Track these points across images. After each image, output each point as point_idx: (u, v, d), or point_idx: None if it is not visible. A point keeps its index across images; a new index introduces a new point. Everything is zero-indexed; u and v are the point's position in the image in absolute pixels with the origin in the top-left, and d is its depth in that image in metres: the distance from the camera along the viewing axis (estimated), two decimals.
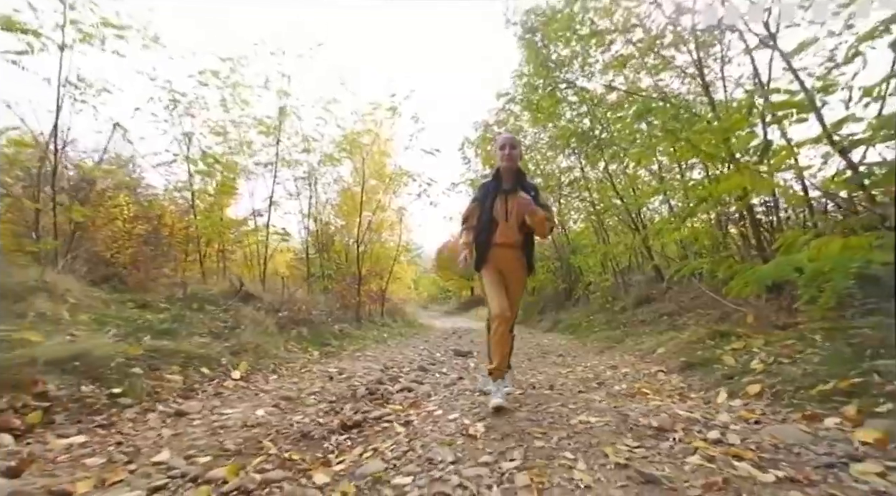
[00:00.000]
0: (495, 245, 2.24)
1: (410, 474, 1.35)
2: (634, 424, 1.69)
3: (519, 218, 2.18)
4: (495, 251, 2.25)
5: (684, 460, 1.30)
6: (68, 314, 2.66)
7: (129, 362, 2.29)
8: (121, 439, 1.67)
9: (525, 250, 2.27)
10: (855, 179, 2.90)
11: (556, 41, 5.38)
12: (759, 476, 1.17)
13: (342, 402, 2.37)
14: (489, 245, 2.24)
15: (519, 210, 2.13)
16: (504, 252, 2.24)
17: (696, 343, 3.16)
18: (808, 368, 1.88)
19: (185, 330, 3.15)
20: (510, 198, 2.20)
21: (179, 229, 6.00)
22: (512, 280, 2.28)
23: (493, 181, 2.29)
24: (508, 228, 2.22)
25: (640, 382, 2.66)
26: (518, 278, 2.30)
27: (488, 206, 2.25)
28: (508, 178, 2.25)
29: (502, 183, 2.25)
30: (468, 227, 2.36)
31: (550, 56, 5.74)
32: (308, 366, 3.46)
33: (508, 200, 2.21)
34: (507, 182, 2.25)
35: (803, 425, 1.50)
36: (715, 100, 4.48)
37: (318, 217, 8.46)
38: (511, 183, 2.23)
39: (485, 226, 2.26)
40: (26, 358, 1.89)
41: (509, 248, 2.24)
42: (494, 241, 2.24)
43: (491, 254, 2.25)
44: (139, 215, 5.55)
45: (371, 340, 5.95)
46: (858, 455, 1.23)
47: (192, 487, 1.31)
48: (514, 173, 2.25)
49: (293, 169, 7.38)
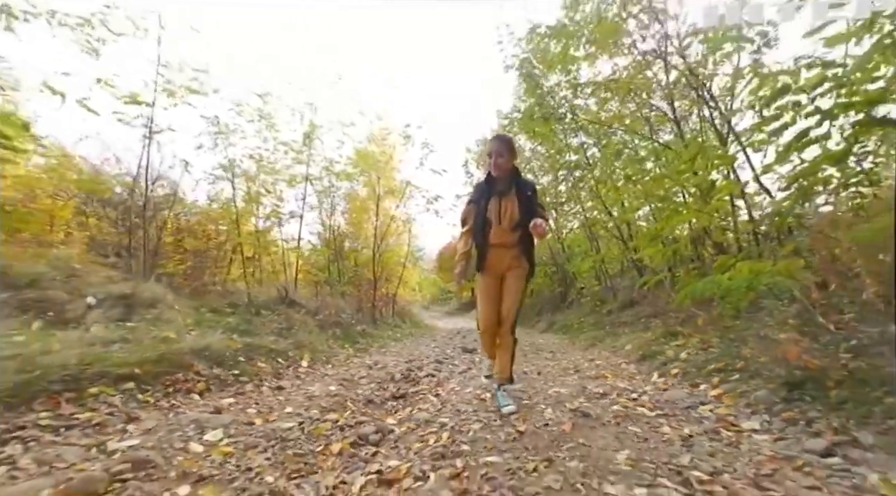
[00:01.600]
0: (492, 246, 2.26)
1: (447, 417, 2.25)
2: (588, 392, 2.60)
3: (513, 219, 2.19)
4: (492, 252, 2.26)
5: (610, 408, 2.21)
6: (179, 318, 3.57)
7: (235, 353, 3.20)
8: (255, 401, 2.58)
9: (522, 247, 2.25)
10: (770, 214, 3.83)
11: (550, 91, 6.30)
12: (647, 413, 2.07)
13: (386, 383, 3.27)
14: (486, 246, 2.27)
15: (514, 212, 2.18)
16: (500, 252, 2.25)
17: (652, 341, 4.07)
18: (709, 357, 2.78)
19: (256, 330, 4.06)
20: (504, 199, 2.22)
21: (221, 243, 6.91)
22: (509, 279, 2.26)
23: (487, 181, 2.30)
24: (502, 230, 2.23)
25: (605, 370, 3.56)
26: (516, 277, 2.26)
27: (482, 207, 2.25)
28: (502, 179, 2.24)
29: (497, 183, 2.25)
30: (467, 230, 2.38)
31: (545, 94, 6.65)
32: (349, 359, 4.37)
33: (503, 202, 2.22)
34: (501, 183, 2.24)
35: (688, 390, 2.40)
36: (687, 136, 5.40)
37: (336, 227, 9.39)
38: (505, 183, 2.24)
39: (479, 227, 2.27)
40: (180, 349, 2.79)
41: (505, 247, 2.24)
42: (490, 242, 2.26)
43: (488, 254, 2.27)
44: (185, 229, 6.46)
45: (389, 339, 6.87)
46: (707, 401, 2.13)
47: (318, 422, 2.20)
48: (507, 175, 2.24)
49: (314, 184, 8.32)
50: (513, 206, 2.20)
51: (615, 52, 5.41)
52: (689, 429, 1.79)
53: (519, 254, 2.24)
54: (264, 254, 8.49)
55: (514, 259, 2.24)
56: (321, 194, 8.82)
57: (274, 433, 1.98)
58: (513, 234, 2.21)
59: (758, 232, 4.68)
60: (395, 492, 1.40)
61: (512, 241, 2.22)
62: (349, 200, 9.95)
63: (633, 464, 1.44)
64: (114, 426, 1.87)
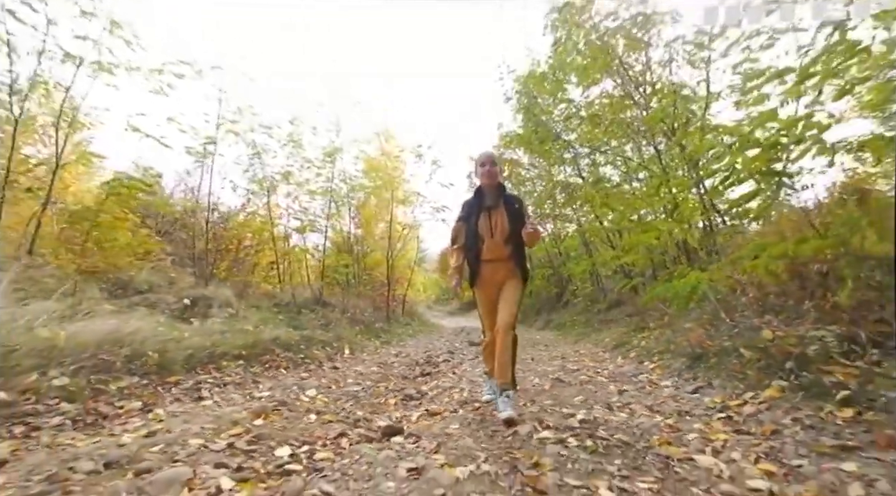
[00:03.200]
0: (485, 262, 2.27)
1: (464, 385, 3.19)
2: (566, 369, 3.55)
3: (504, 233, 2.22)
4: (486, 268, 2.27)
5: (578, 377, 3.16)
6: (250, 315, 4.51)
7: (297, 342, 4.14)
8: (323, 375, 3.52)
9: (515, 260, 2.27)
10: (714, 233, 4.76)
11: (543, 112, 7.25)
12: (603, 380, 3.02)
13: (413, 366, 4.22)
14: (479, 262, 2.28)
15: (504, 226, 2.22)
16: (494, 267, 2.26)
17: (625, 334, 5.01)
18: (657, 344, 3.72)
19: (304, 325, 5.00)
20: (493, 213, 2.26)
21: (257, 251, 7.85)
22: (506, 289, 2.26)
23: (475, 198, 2.35)
24: (495, 244, 2.24)
25: (584, 357, 4.51)
26: (511, 288, 2.26)
27: (473, 223, 2.28)
28: (490, 193, 2.30)
29: (485, 199, 2.31)
30: (457, 247, 2.39)
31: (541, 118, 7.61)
32: (378, 350, 5.33)
33: (492, 216, 2.26)
34: (489, 198, 2.30)
35: (636, 366, 3.35)
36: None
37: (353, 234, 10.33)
38: (493, 198, 2.29)
39: (471, 243, 2.29)
40: (262, 339, 3.74)
41: (498, 262, 2.26)
42: (483, 258, 2.27)
43: (482, 270, 2.29)
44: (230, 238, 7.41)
45: (404, 335, 7.82)
46: (645, 372, 3.08)
47: (372, 388, 3.14)
48: (495, 189, 2.31)
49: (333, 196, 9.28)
50: (503, 220, 2.23)
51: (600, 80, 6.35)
52: (626, 387, 2.74)
53: (513, 268, 2.26)
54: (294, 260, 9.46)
55: (509, 272, 2.26)
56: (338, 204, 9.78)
57: (347, 393, 2.93)
58: (505, 248, 2.24)
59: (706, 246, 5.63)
60: (439, 419, 2.33)
61: (505, 254, 2.24)
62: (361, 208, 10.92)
63: (583, 401, 2.39)
64: (247, 385, 2.82)
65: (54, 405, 1.91)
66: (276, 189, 7.77)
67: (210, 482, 1.39)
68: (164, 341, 2.87)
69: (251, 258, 7.54)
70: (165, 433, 1.80)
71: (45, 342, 2.28)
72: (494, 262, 2.26)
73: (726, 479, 1.32)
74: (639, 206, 5.33)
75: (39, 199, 4.45)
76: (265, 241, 7.94)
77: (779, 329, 2.35)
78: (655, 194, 5.01)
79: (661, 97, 5.34)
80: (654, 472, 1.40)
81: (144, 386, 2.38)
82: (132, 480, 1.34)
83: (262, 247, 7.98)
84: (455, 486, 1.31)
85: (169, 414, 2.08)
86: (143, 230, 4.46)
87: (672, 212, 5.15)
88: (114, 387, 2.21)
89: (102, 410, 1.99)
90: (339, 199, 9.62)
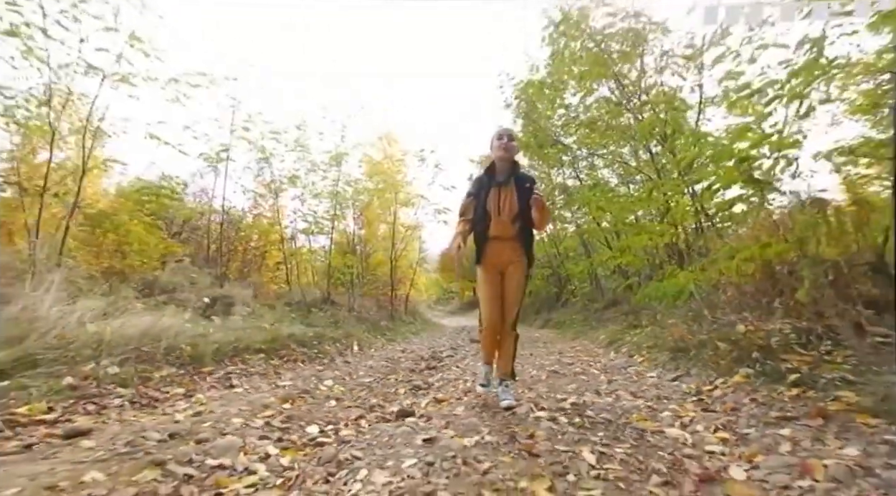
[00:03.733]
0: (491, 239, 2.23)
1: (467, 377, 3.46)
2: (562, 363, 3.82)
3: (513, 210, 2.18)
4: (491, 245, 2.24)
5: (573, 369, 3.43)
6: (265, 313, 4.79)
7: (311, 339, 4.42)
8: (336, 369, 3.79)
9: (521, 241, 2.23)
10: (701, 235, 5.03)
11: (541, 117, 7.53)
12: (595, 372, 3.29)
13: (419, 361, 4.49)
14: (485, 239, 2.24)
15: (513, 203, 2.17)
16: (500, 245, 2.23)
17: (619, 331, 5.28)
18: (647, 340, 3.99)
19: (315, 323, 5.28)
20: (503, 190, 2.21)
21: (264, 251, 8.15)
22: (510, 274, 2.24)
23: (487, 174, 2.29)
24: (502, 222, 2.20)
25: (581, 353, 4.78)
26: (515, 270, 2.24)
27: (482, 199, 2.24)
28: (502, 169, 2.25)
29: (496, 175, 2.25)
30: (464, 219, 2.32)
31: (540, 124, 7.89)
32: (384, 346, 5.60)
33: (501, 193, 2.21)
34: (500, 174, 2.24)
35: (626, 360, 3.62)
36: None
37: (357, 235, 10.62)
38: (505, 175, 2.24)
39: (479, 219, 2.24)
40: (280, 335, 4.01)
41: (505, 240, 2.22)
42: (489, 235, 2.23)
43: (487, 247, 2.24)
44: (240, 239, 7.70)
45: (408, 333, 8.10)
46: (634, 365, 3.35)
47: (383, 380, 3.42)
48: (508, 165, 2.25)
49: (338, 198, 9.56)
50: (512, 197, 2.18)
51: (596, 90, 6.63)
52: (615, 377, 3.01)
53: (518, 248, 2.22)
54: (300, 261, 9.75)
55: (514, 252, 2.22)
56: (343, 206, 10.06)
57: (361, 384, 3.21)
58: (512, 227, 2.20)
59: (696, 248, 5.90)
60: (446, 404, 2.60)
61: (511, 233, 2.20)
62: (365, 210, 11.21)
63: (575, 389, 2.67)
64: (270, 376, 3.09)
65: (112, 389, 2.19)
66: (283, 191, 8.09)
67: (259, 449, 1.67)
68: (194, 336, 3.15)
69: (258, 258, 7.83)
70: (210, 413, 2.07)
71: (95, 336, 2.56)
72: (500, 241, 2.23)
73: (689, 445, 1.60)
74: (634, 209, 5.60)
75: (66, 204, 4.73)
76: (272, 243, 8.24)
77: (751, 324, 2.62)
78: (648, 198, 5.28)
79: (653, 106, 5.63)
80: (630, 441, 1.67)
81: (182, 375, 2.66)
82: (196, 446, 1.61)
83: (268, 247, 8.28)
84: (463, 451, 1.58)
85: (209, 398, 2.36)
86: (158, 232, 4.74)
87: (664, 214, 5.42)
88: (157, 375, 2.49)
89: (152, 395, 2.26)
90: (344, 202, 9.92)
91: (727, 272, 3.06)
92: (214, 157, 5.99)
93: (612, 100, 6.42)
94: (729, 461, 1.41)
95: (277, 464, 1.56)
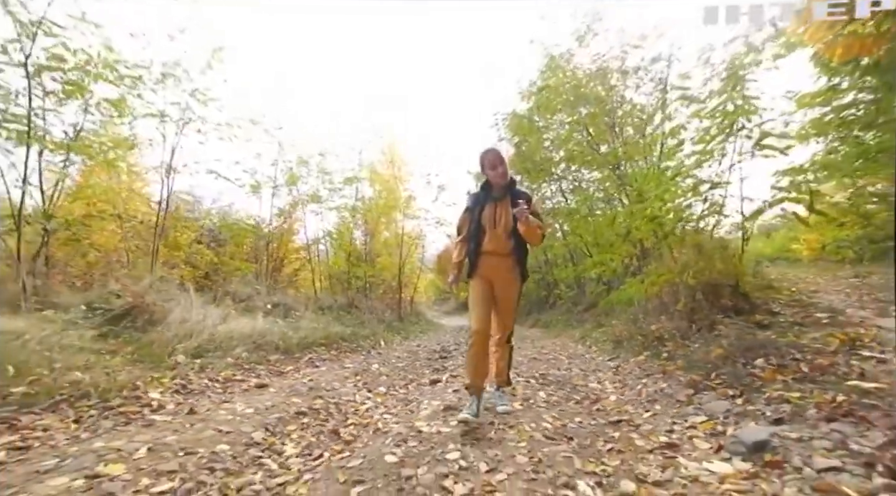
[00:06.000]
0: (484, 253, 2.25)
1: None
2: (541, 354, 5.19)
3: (508, 226, 2.18)
4: (484, 259, 2.25)
5: (547, 358, 4.80)
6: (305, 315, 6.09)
7: (349, 336, 5.74)
8: (373, 358, 5.11)
9: (516, 257, 2.24)
10: None
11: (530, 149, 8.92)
12: (563, 359, 4.66)
13: (433, 353, 5.83)
14: (478, 253, 2.25)
15: (508, 219, 2.15)
16: (493, 260, 2.24)
17: (589, 329, 6.66)
18: (605, 336, 5.35)
19: (347, 323, 6.59)
20: (499, 205, 2.23)
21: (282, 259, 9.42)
22: (502, 289, 2.25)
23: (483, 189, 2.32)
24: (497, 236, 2.22)
25: (558, 346, 6.14)
26: (508, 286, 2.25)
27: (477, 214, 2.27)
28: (499, 186, 2.26)
29: (492, 191, 2.28)
30: (461, 239, 2.36)
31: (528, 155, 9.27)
32: (402, 343, 6.94)
33: (498, 207, 2.23)
34: (496, 190, 2.27)
35: (586, 349, 5.00)
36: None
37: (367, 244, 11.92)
38: (501, 192, 2.25)
39: (473, 233, 2.27)
40: (330, 333, 5.33)
41: (498, 256, 2.23)
42: (483, 250, 2.25)
43: (480, 262, 2.25)
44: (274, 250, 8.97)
45: (416, 331, 9.44)
46: (591, 353, 4.72)
47: (410, 365, 4.75)
48: (504, 182, 2.25)
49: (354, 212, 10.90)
50: (507, 213, 2.17)
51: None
52: (575, 361, 4.38)
53: (512, 265, 2.22)
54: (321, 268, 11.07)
55: (507, 268, 2.23)
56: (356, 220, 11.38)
57: (397, 368, 4.53)
58: (507, 242, 2.20)
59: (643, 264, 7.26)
60: (459, 378, 3.94)
61: (506, 249, 2.21)
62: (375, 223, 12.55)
63: (545, 368, 4.03)
64: (335, 361, 4.42)
65: (253, 366, 3.51)
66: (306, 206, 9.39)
67: (360, 396, 3.00)
68: (279, 333, 4.46)
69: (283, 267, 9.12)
70: (318, 379, 3.40)
71: (227, 333, 3.87)
72: (494, 255, 2.23)
73: (597, 391, 2.96)
74: (601, 232, 6.98)
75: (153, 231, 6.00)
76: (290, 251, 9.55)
77: (661, 323, 3.99)
78: (612, 223, 6.65)
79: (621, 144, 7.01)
80: (566, 389, 3.03)
81: (284, 359, 3.98)
82: (329, 393, 2.94)
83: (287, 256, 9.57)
84: None
85: (310, 372, 3.69)
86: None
87: (625, 236, 6.80)
88: (272, 358, 3.82)
89: (276, 370, 3.59)
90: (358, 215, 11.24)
91: (647, 289, 4.44)
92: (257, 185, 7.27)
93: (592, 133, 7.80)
94: (611, 394, 2.78)
95: (373, 400, 2.90)
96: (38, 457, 1.59)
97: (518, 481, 1.48)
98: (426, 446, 1.82)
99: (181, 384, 2.75)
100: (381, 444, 1.89)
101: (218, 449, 1.78)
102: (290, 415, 2.36)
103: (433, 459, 1.67)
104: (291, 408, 2.47)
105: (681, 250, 4.56)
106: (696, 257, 3.76)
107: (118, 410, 2.16)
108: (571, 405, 2.62)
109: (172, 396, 2.52)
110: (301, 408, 2.53)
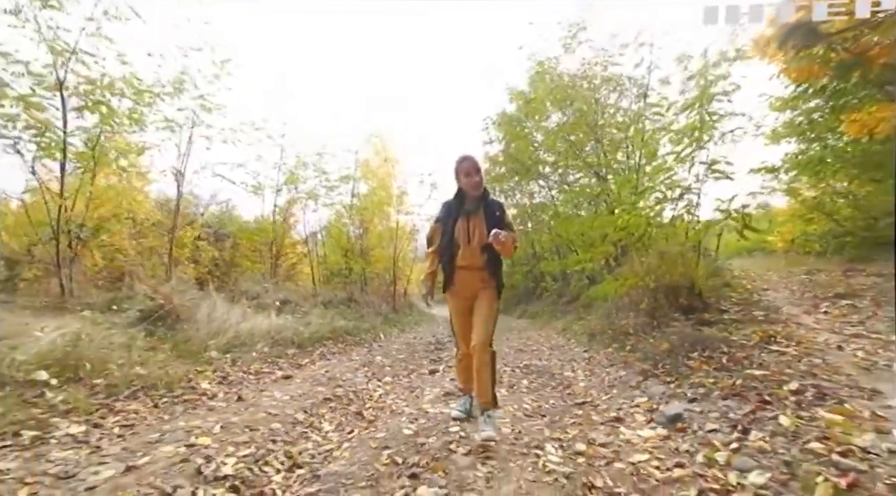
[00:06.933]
0: (459, 268, 2.21)
1: None
2: (526, 344, 5.81)
3: (482, 240, 2.12)
4: (459, 275, 2.22)
5: (531, 348, 5.41)
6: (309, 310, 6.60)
7: (352, 330, 6.27)
8: (376, 350, 5.66)
9: (490, 270, 2.20)
10: None
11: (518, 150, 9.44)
12: (545, 350, 5.28)
13: (429, 345, 6.40)
14: (453, 268, 2.22)
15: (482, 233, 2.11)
16: (468, 275, 2.21)
17: (571, 321, 7.30)
18: (583, 328, 5.98)
19: (348, 317, 7.11)
20: (472, 219, 2.19)
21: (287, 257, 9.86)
22: (479, 301, 2.21)
23: (455, 200, 2.25)
24: (471, 251, 2.18)
25: (542, 338, 6.77)
26: (485, 298, 2.20)
27: (450, 227, 2.22)
28: (472, 198, 2.21)
29: (465, 203, 2.22)
30: (433, 250, 2.33)
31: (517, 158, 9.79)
32: (399, 335, 7.50)
33: (470, 221, 2.19)
34: (469, 203, 2.21)
35: (566, 340, 5.63)
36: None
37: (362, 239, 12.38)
38: (474, 203, 2.21)
39: (446, 248, 2.22)
40: (335, 327, 5.86)
41: (473, 270, 2.20)
42: (457, 264, 2.21)
43: (456, 278, 2.23)
44: None
45: (411, 323, 10.02)
46: (570, 344, 5.34)
47: (410, 356, 5.31)
48: (477, 193, 2.20)
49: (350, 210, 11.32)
50: (481, 226, 2.15)
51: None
52: (554, 352, 4.99)
53: (488, 277, 2.20)
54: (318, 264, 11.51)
55: (483, 282, 2.20)
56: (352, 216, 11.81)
57: (398, 359, 5.09)
58: (481, 256, 2.17)
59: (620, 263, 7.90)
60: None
61: (480, 263, 2.18)
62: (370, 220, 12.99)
63: (529, 359, 4.63)
64: (343, 354, 4.95)
65: (275, 360, 4.02)
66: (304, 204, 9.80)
67: (372, 385, 3.55)
68: (292, 329, 4.97)
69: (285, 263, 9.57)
70: (334, 370, 3.93)
71: (249, 330, 4.37)
72: (469, 270, 2.20)
73: (570, 378, 3.56)
74: (584, 231, 7.58)
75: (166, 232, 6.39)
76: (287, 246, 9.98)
77: (628, 320, 4.61)
78: (592, 224, 7.24)
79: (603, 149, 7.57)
80: (545, 378, 3.62)
81: (300, 353, 4.51)
82: (346, 383, 3.48)
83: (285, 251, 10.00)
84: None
85: (324, 365, 4.22)
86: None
87: (604, 238, 7.40)
88: (290, 352, 4.34)
89: (294, 362, 4.11)
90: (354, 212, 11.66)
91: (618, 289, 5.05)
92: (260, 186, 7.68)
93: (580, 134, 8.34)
94: (581, 381, 3.39)
95: (383, 388, 3.46)
96: (143, 431, 2.11)
97: (503, 445, 2.05)
98: (433, 422, 2.38)
99: (222, 376, 3.26)
100: (398, 422, 2.45)
101: (273, 426, 2.31)
102: (320, 401, 2.90)
103: (440, 431, 2.22)
104: (319, 396, 3.01)
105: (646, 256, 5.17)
106: (658, 262, 4.36)
107: (182, 398, 2.67)
108: (548, 390, 3.22)
109: (219, 386, 3.03)
110: (326, 395, 3.06)
